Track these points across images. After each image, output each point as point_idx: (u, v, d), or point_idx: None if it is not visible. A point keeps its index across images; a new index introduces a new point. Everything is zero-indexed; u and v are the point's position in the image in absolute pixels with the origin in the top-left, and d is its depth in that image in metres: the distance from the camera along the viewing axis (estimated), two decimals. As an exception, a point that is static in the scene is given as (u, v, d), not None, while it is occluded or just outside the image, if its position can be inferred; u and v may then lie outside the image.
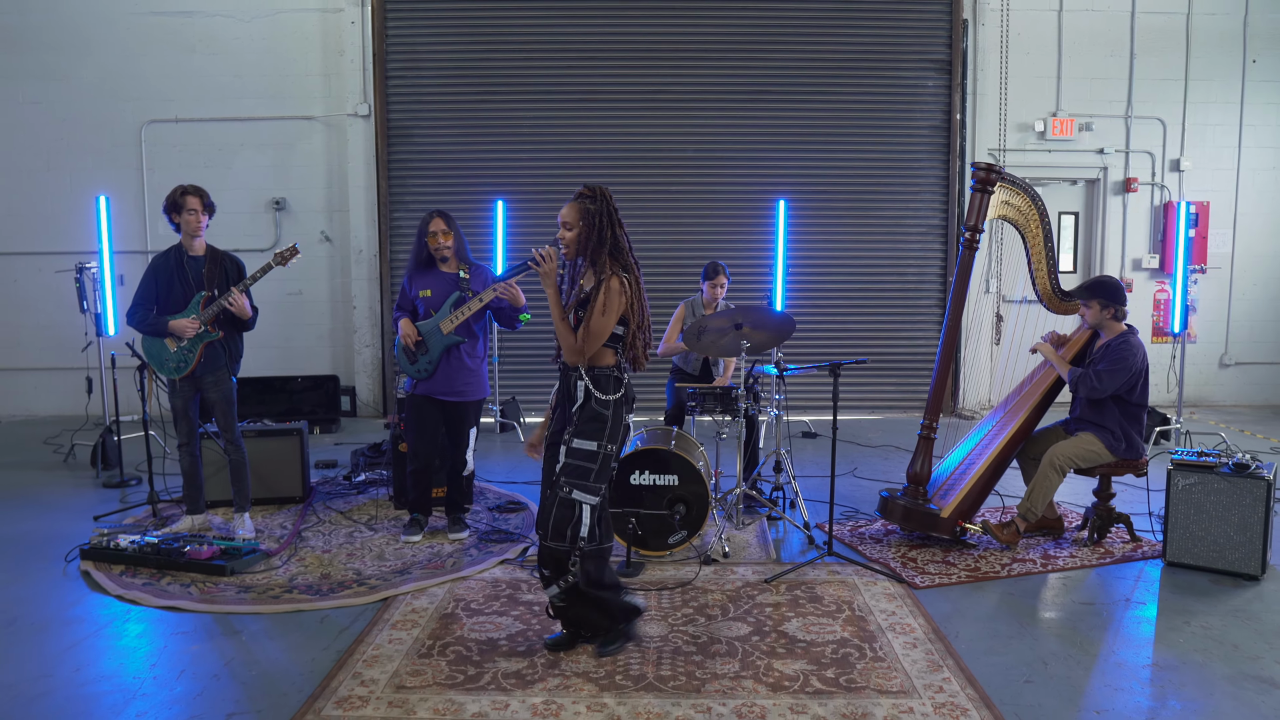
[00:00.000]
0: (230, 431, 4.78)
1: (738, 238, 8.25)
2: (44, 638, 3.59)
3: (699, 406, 4.86)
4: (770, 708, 2.99)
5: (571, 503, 3.20)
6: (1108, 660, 3.37)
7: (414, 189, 8.31)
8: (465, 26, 8.19)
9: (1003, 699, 3.05)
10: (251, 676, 3.25)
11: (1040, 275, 4.75)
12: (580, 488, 3.20)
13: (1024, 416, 4.73)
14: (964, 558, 4.44)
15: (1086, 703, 3.04)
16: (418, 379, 4.67)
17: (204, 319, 4.56)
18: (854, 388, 8.34)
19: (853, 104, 8.27)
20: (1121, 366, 4.45)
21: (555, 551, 3.24)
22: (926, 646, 3.45)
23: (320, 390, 8.03)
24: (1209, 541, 4.21)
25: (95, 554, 4.38)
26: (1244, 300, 8.74)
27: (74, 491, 5.84)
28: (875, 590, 4.03)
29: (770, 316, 4.69)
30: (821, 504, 5.12)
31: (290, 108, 8.27)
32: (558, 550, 3.23)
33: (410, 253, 4.86)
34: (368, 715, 2.95)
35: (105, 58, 8.24)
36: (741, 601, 3.90)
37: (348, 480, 5.86)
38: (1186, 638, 3.55)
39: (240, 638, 3.58)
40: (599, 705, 3.00)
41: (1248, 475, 4.13)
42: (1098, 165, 8.53)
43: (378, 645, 3.47)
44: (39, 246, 8.33)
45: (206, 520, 4.95)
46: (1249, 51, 8.45)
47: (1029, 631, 3.63)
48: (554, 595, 3.30)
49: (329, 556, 4.49)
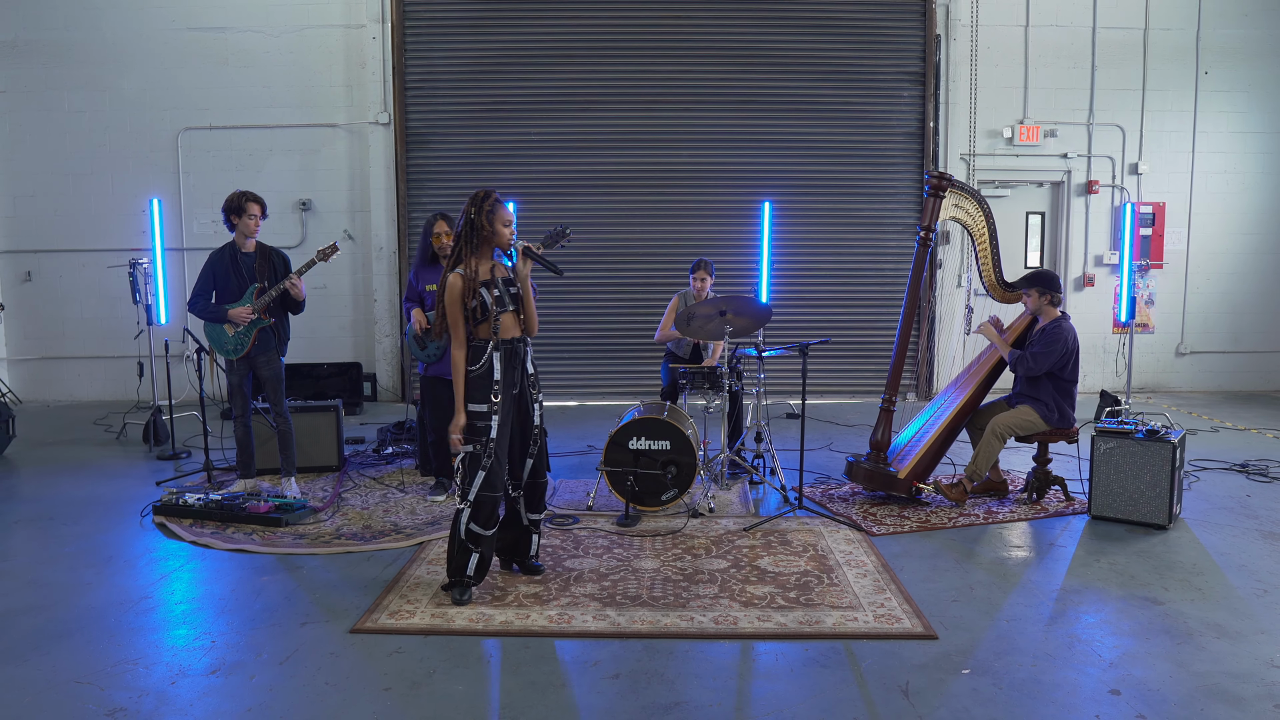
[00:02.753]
0: (279, 405, 5.48)
1: (726, 236, 8.95)
2: (137, 571, 4.29)
3: (689, 384, 5.55)
4: (741, 617, 3.68)
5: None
6: (1025, 586, 4.06)
7: (430, 191, 9.00)
8: (478, 42, 8.89)
9: (932, 612, 3.74)
10: (315, 598, 3.94)
11: (986, 269, 5.44)
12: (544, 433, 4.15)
13: (971, 391, 5.43)
14: (918, 513, 5.13)
15: (1000, 614, 3.74)
16: (428, 363, 5.36)
17: (257, 307, 5.25)
18: (834, 374, 9.06)
19: (833, 112, 8.98)
20: (1054, 349, 5.14)
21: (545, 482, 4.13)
22: (875, 577, 4.14)
23: (344, 376, 8.73)
24: (1126, 497, 4.90)
25: (167, 510, 5.07)
26: (1198, 294, 9.43)
27: (131, 463, 6.53)
28: (838, 537, 4.72)
29: (750, 305, 5.38)
30: (798, 471, 5.81)
31: (316, 116, 8.97)
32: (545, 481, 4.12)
33: (416, 251, 5.55)
34: (416, 623, 3.64)
35: (144, 70, 8.93)
36: (723, 545, 4.59)
37: (376, 453, 6.55)
38: (1094, 570, 4.25)
39: (301, 571, 4.27)
40: (603, 616, 3.70)
41: (1157, 440, 4.82)
42: (1062, 169, 9.22)
43: (418, 576, 4.16)
44: (82, 244, 9.02)
45: (257, 484, 5.64)
46: (1201, 64, 9.13)
47: (964, 567, 4.32)
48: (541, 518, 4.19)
49: (368, 512, 5.19)
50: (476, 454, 3.81)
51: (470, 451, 3.81)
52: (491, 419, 3.81)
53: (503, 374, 3.84)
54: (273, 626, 3.64)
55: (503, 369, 3.84)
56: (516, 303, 3.91)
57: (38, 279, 9.12)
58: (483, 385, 3.82)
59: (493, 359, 3.83)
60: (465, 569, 3.86)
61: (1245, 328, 9.49)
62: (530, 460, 4.05)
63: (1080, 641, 3.47)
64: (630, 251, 9.05)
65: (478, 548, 3.86)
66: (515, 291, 3.92)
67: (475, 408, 3.81)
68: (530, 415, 4.01)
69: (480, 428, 3.81)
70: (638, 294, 8.93)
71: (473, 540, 3.84)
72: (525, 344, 3.97)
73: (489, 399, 3.82)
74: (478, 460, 3.81)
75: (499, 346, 3.84)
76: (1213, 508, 5.22)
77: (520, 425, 4.00)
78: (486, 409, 3.81)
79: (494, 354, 3.83)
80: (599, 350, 9.04)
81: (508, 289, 3.90)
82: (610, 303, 9.08)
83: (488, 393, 3.82)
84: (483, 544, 3.87)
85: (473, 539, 3.84)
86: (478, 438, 3.81)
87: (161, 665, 3.29)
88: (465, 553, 3.85)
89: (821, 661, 3.31)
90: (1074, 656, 3.34)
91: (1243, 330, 9.49)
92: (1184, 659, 3.32)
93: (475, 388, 3.82)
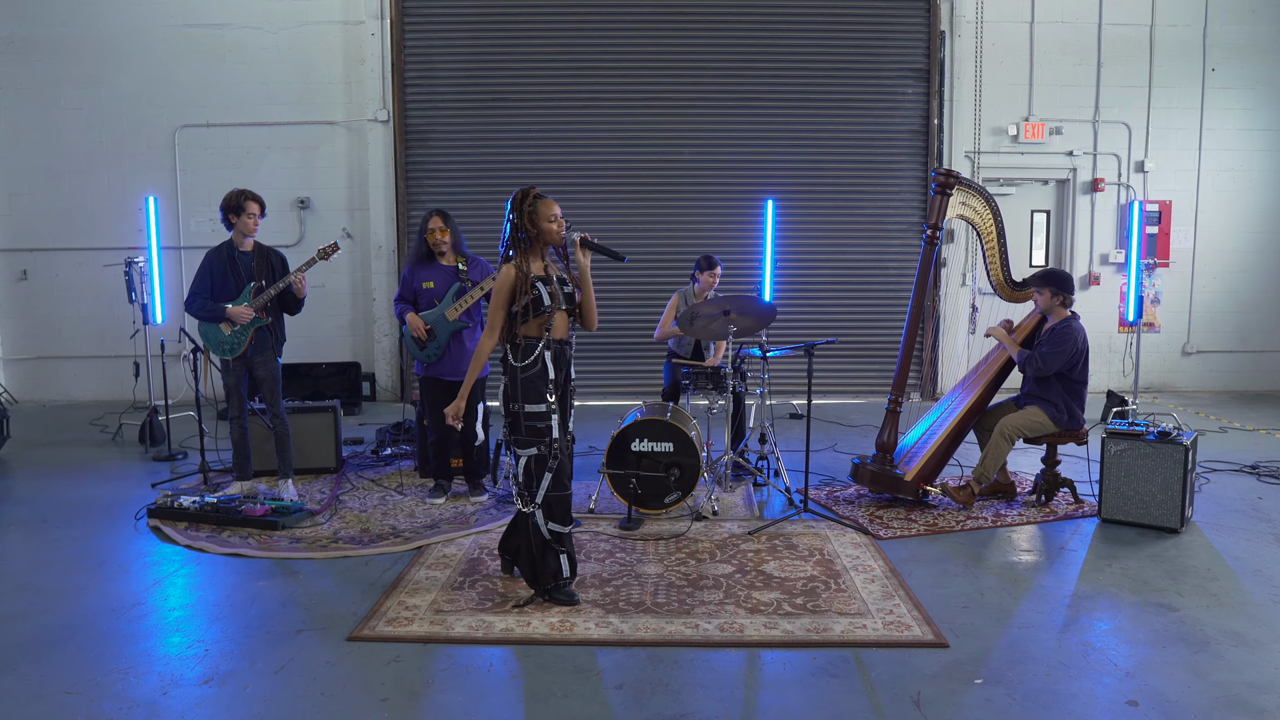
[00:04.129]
0: (276, 406, 5.39)
1: (729, 234, 8.86)
2: (130, 576, 4.21)
3: (692, 384, 5.46)
4: (747, 624, 3.60)
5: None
6: (1036, 591, 3.98)
7: (429, 189, 8.92)
8: (477, 38, 8.80)
9: (942, 619, 3.66)
10: (312, 604, 3.86)
11: (994, 268, 5.35)
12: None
13: (979, 392, 5.34)
14: (924, 515, 5.05)
15: (1012, 621, 3.66)
16: (427, 363, 5.28)
17: (255, 306, 5.17)
18: (838, 374, 8.98)
19: (837, 110, 8.89)
20: (1064, 349, 5.05)
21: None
22: (883, 582, 4.06)
23: (343, 376, 8.64)
24: (1137, 500, 4.81)
25: (161, 512, 4.99)
26: (1205, 293, 9.34)
27: (126, 465, 6.44)
28: (844, 540, 4.64)
29: (755, 304, 5.30)
30: (802, 473, 5.72)
31: (314, 113, 8.87)
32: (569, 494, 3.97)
33: (411, 248, 5.46)
34: (414, 630, 3.55)
35: (141, 67, 8.84)
36: (727, 549, 4.51)
37: (375, 454, 6.47)
38: (1107, 575, 4.16)
39: (298, 576, 4.19)
40: (605, 623, 3.61)
41: (1169, 442, 4.73)
42: (1067, 166, 9.13)
43: (416, 581, 4.08)
44: (79, 243, 8.93)
45: (253, 486, 5.55)
46: (1208, 60, 9.05)
47: (973, 571, 4.24)
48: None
49: (366, 515, 5.11)
50: (541, 455, 3.74)
51: (535, 454, 3.73)
52: (551, 418, 3.73)
53: (555, 373, 3.77)
54: (268, 634, 3.55)
55: (554, 368, 3.76)
56: (570, 303, 3.83)
57: (33, 278, 9.03)
58: (537, 384, 3.72)
59: (544, 357, 3.73)
60: (559, 572, 3.80)
61: (1252, 327, 9.40)
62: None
63: (1095, 650, 3.39)
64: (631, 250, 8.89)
65: (563, 546, 3.81)
66: (569, 292, 3.84)
67: (532, 408, 3.70)
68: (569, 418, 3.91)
69: (540, 428, 3.72)
70: (639, 293, 8.84)
71: (557, 540, 3.79)
72: (571, 347, 3.89)
73: (545, 398, 3.72)
74: (543, 462, 3.74)
75: (550, 345, 3.76)
76: (1224, 510, 5.14)
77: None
78: (545, 408, 3.72)
79: (544, 352, 3.74)
80: (600, 350, 8.95)
81: (562, 288, 3.81)
82: (611, 302, 8.97)
83: (543, 391, 3.72)
84: (566, 541, 3.82)
85: (556, 539, 3.79)
86: (540, 439, 3.73)
87: (153, 675, 3.20)
88: (553, 555, 3.79)
89: (830, 671, 3.22)
90: (1089, 666, 3.26)
91: (1249, 329, 9.40)
92: (1202, 668, 3.23)
93: (529, 387, 3.70)
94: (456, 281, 5.20)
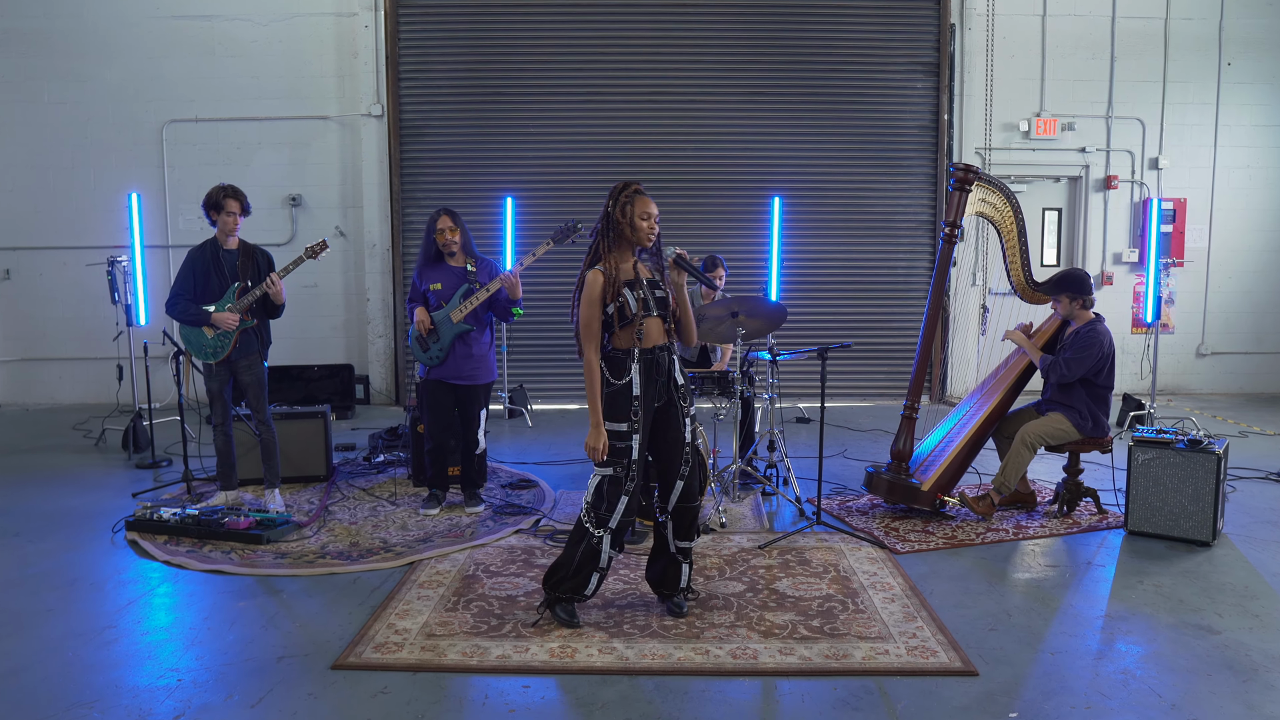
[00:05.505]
0: (262, 412, 5.14)
1: (734, 232, 8.61)
2: (103, 596, 3.96)
3: (698, 390, 5.22)
4: (761, 650, 3.36)
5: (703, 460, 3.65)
6: (1066, 612, 3.74)
7: (425, 186, 8.67)
8: (474, 30, 8.54)
9: (969, 643, 3.42)
10: (295, 627, 3.61)
11: (1015, 269, 5.11)
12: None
13: (999, 398, 5.10)
14: (942, 527, 4.81)
15: (1044, 646, 3.42)
16: (430, 365, 5.04)
17: (240, 308, 4.92)
18: (846, 376, 8.73)
19: (844, 104, 8.64)
20: (1089, 353, 4.82)
21: (699, 506, 3.65)
22: (904, 601, 3.82)
23: (336, 379, 8.39)
24: (1166, 511, 4.58)
25: (140, 525, 4.74)
26: (1220, 293, 9.12)
27: (108, 472, 6.19)
28: (860, 555, 4.40)
29: (764, 305, 5.05)
30: (813, 481, 5.48)
31: (306, 108, 8.62)
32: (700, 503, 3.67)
33: (420, 248, 5.22)
34: (403, 658, 3.31)
35: (128, 60, 8.58)
36: (737, 564, 4.27)
37: (367, 461, 6.22)
38: (1139, 594, 3.93)
39: (281, 596, 3.94)
40: (609, 649, 3.37)
41: (1200, 450, 4.50)
42: (1080, 163, 8.90)
43: (407, 601, 3.84)
44: (64, 241, 8.68)
45: (239, 496, 5.31)
46: (1224, 55, 8.81)
47: (997, 589, 4.00)
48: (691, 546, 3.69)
49: (356, 527, 4.86)
50: (618, 477, 3.46)
51: (610, 475, 3.46)
52: (632, 439, 3.45)
53: (643, 388, 3.46)
54: (246, 661, 3.31)
55: (643, 382, 3.46)
56: (663, 308, 3.53)
57: (17, 277, 8.77)
58: (621, 401, 3.44)
59: (632, 372, 3.45)
60: (583, 587, 3.57)
61: (1268, 328, 9.17)
62: (681, 482, 3.58)
63: (1135, 679, 3.15)
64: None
65: (606, 570, 3.59)
66: (661, 295, 3.54)
67: (613, 426, 3.44)
68: (681, 432, 3.58)
69: (620, 448, 3.45)
70: (640, 293, 8.59)
71: (607, 563, 3.56)
72: (671, 352, 3.57)
73: (629, 416, 3.44)
74: (619, 484, 3.46)
75: (640, 357, 3.47)
76: (1255, 521, 4.90)
77: (668, 443, 3.59)
78: (626, 428, 3.44)
79: (634, 366, 3.45)
80: (600, 351, 8.69)
81: (653, 291, 3.52)
82: (612, 302, 8.74)
83: (627, 410, 3.44)
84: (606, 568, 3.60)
85: (601, 562, 3.55)
86: (619, 459, 3.45)
87: (120, 709, 2.96)
88: (592, 574, 3.56)
89: (853, 703, 2.98)
90: (1130, 697, 3.02)
91: (1265, 330, 9.18)
92: (1253, 699, 3.00)
93: (612, 404, 3.44)
94: (464, 283, 4.96)
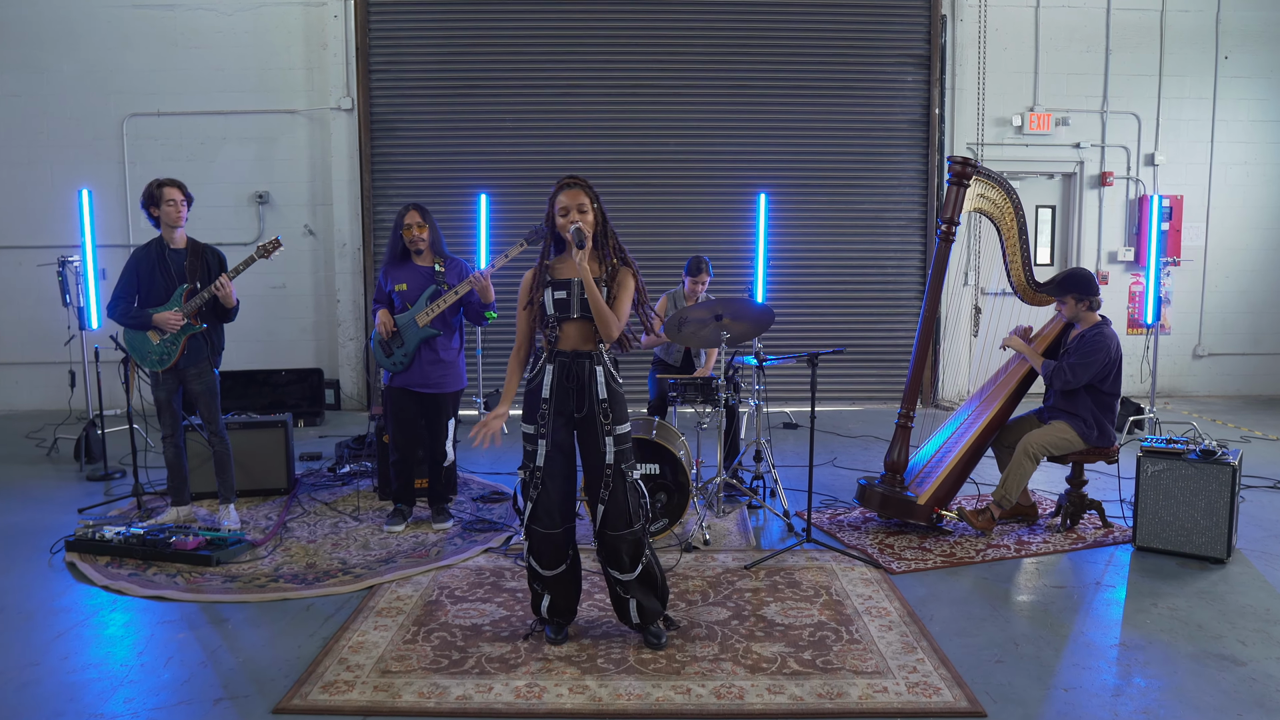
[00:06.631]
0: (214, 423, 4.81)
1: (719, 230, 8.32)
2: (31, 627, 3.62)
3: (680, 397, 4.92)
4: (748, 688, 3.06)
5: (635, 484, 3.33)
6: (1077, 641, 3.46)
7: (397, 182, 8.33)
8: (448, 20, 8.21)
9: (974, 678, 3.13)
10: (238, 663, 3.29)
11: (1015, 268, 4.84)
12: (632, 468, 3.33)
13: (998, 406, 4.82)
14: (940, 544, 4.53)
15: (1055, 681, 3.13)
16: (394, 372, 4.71)
17: (187, 311, 4.58)
18: (834, 379, 8.45)
19: (833, 98, 8.36)
20: (1095, 358, 4.54)
21: (632, 537, 3.28)
22: (901, 629, 3.53)
23: (304, 383, 8.04)
24: (1177, 526, 4.31)
25: (80, 545, 4.39)
26: (1217, 293, 8.89)
27: (58, 485, 5.84)
28: (853, 575, 4.11)
29: (750, 308, 4.76)
30: (801, 493, 5.20)
31: (273, 101, 8.27)
32: (635, 534, 3.28)
33: (386, 246, 4.89)
34: (353, 699, 2.99)
35: (87, 50, 8.20)
36: (721, 587, 3.97)
37: (332, 472, 5.89)
38: (1153, 618, 3.65)
39: (226, 626, 3.62)
40: (581, 688, 3.06)
41: (1214, 462, 4.23)
42: (1074, 159, 8.65)
43: (363, 632, 3.52)
44: (19, 240, 8.30)
45: (191, 512, 4.97)
46: (1221, 48, 8.58)
47: (1001, 614, 3.71)
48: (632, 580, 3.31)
49: (314, 546, 4.54)
50: (525, 481, 3.32)
51: (522, 478, 3.33)
52: (539, 443, 3.25)
53: (554, 391, 3.25)
54: (180, 705, 2.98)
55: (554, 385, 3.25)
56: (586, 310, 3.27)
57: (-30, 278, 8.39)
58: (531, 401, 3.31)
59: (543, 373, 3.27)
60: (538, 607, 3.38)
61: (1266, 328, 8.95)
62: (601, 506, 3.28)
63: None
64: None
65: (544, 589, 3.35)
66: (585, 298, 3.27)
67: (525, 428, 3.33)
68: (601, 451, 3.27)
69: (529, 451, 3.29)
70: (622, 294, 8.28)
71: (534, 578, 3.35)
72: (595, 361, 3.28)
73: (534, 419, 3.27)
74: (526, 488, 3.32)
75: (554, 359, 3.27)
76: (1269, 535, 4.64)
77: (589, 461, 3.31)
78: (534, 430, 3.28)
79: (547, 368, 3.27)
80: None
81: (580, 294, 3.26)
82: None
83: (534, 412, 3.28)
84: (546, 585, 3.35)
85: (534, 576, 3.35)
86: (527, 462, 3.30)
87: (27, 767, 2.63)
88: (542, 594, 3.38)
89: (849, 752, 2.69)
90: (1155, 741, 2.74)
91: (1263, 331, 8.96)
92: (1289, 744, 2.72)
93: (526, 403, 3.35)
94: (431, 284, 4.64)
